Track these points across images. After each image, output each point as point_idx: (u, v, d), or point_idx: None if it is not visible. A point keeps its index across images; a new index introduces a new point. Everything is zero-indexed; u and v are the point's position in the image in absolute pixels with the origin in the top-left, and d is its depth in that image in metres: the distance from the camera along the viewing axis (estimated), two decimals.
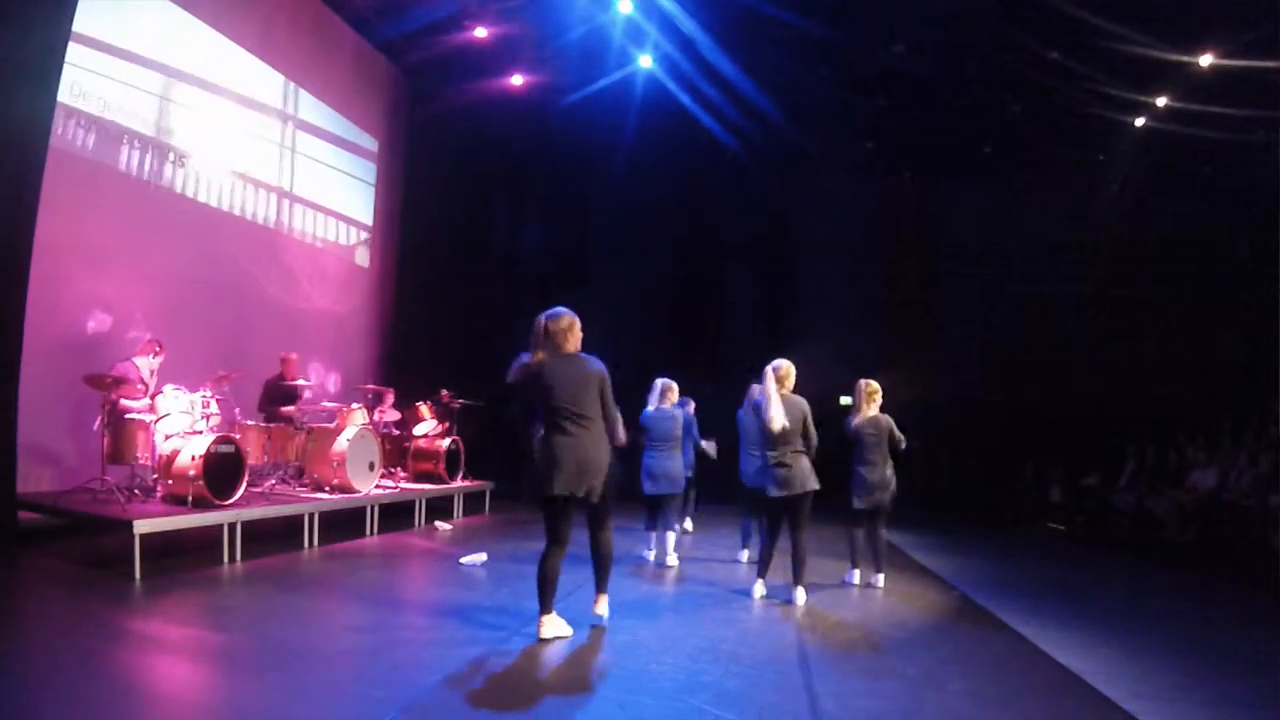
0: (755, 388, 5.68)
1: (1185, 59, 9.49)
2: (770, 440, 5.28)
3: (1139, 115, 11.07)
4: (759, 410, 5.36)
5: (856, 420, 5.98)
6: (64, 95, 6.18)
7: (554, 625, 4.19)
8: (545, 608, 4.18)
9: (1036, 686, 3.92)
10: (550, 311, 4.27)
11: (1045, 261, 13.22)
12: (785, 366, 5.39)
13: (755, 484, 5.63)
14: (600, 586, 4.48)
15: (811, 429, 5.38)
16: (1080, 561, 8.80)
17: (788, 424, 5.24)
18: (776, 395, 5.28)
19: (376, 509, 7.67)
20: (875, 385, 6.03)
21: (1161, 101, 10.52)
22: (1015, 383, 13.22)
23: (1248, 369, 10.29)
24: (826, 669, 3.98)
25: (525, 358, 4.21)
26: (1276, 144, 9.35)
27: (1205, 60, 9.43)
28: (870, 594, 5.96)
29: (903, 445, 5.97)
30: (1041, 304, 13.32)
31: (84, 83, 6.79)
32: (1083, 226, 13.05)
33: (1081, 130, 11.87)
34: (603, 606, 4.47)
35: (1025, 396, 13.14)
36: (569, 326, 4.23)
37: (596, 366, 4.24)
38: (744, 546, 7.06)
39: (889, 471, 5.95)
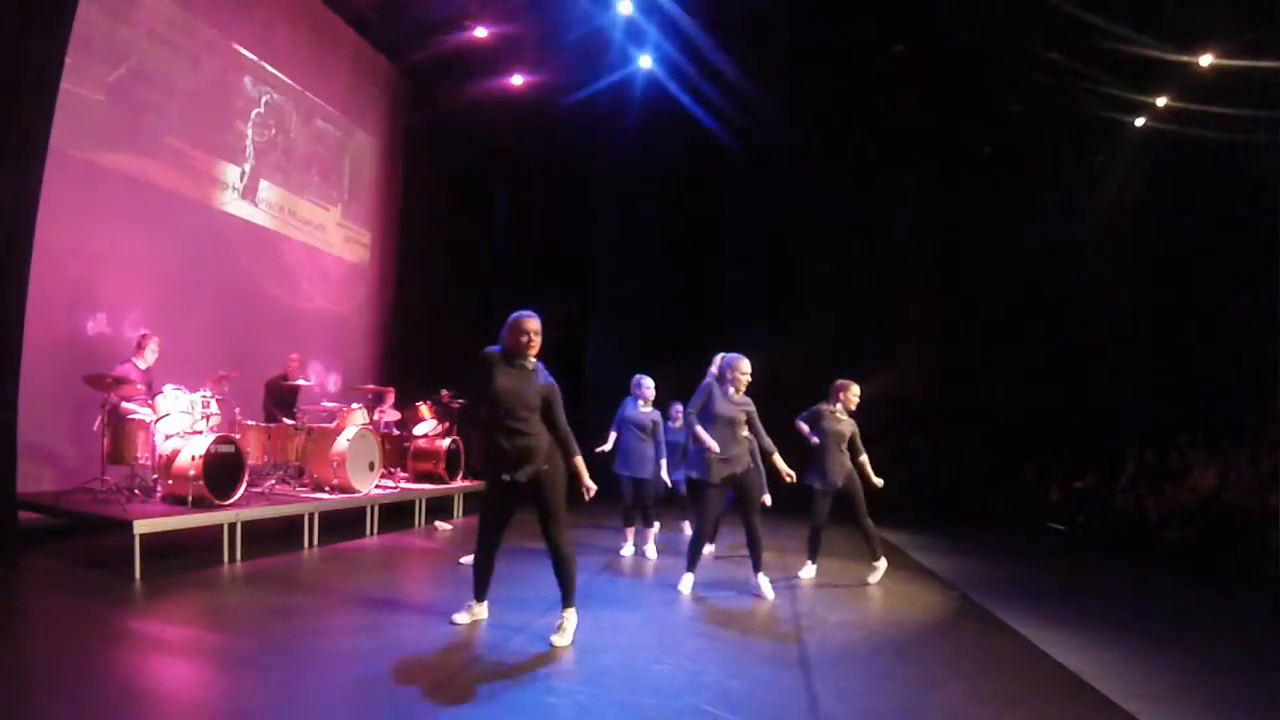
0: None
1: (1185, 59, 9.49)
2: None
3: (1139, 115, 11.07)
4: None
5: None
6: (64, 95, 6.17)
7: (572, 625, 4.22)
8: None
9: (1036, 686, 3.92)
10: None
11: (1045, 261, 13.21)
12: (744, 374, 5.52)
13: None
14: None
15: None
16: (1080, 561, 8.80)
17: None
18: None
19: (376, 509, 7.68)
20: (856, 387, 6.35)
21: (1161, 101, 10.52)
22: (1015, 383, 13.22)
23: (1248, 369, 10.27)
24: (826, 669, 3.98)
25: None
26: (1277, 144, 9.35)
27: (1205, 60, 9.43)
28: (870, 594, 5.97)
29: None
30: (1041, 304, 13.32)
31: (84, 82, 6.79)
32: (1083, 226, 13.05)
33: (1081, 130, 11.87)
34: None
35: (1025, 397, 13.14)
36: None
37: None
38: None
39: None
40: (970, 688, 3.80)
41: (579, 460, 4.21)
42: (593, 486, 4.21)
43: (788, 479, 5.67)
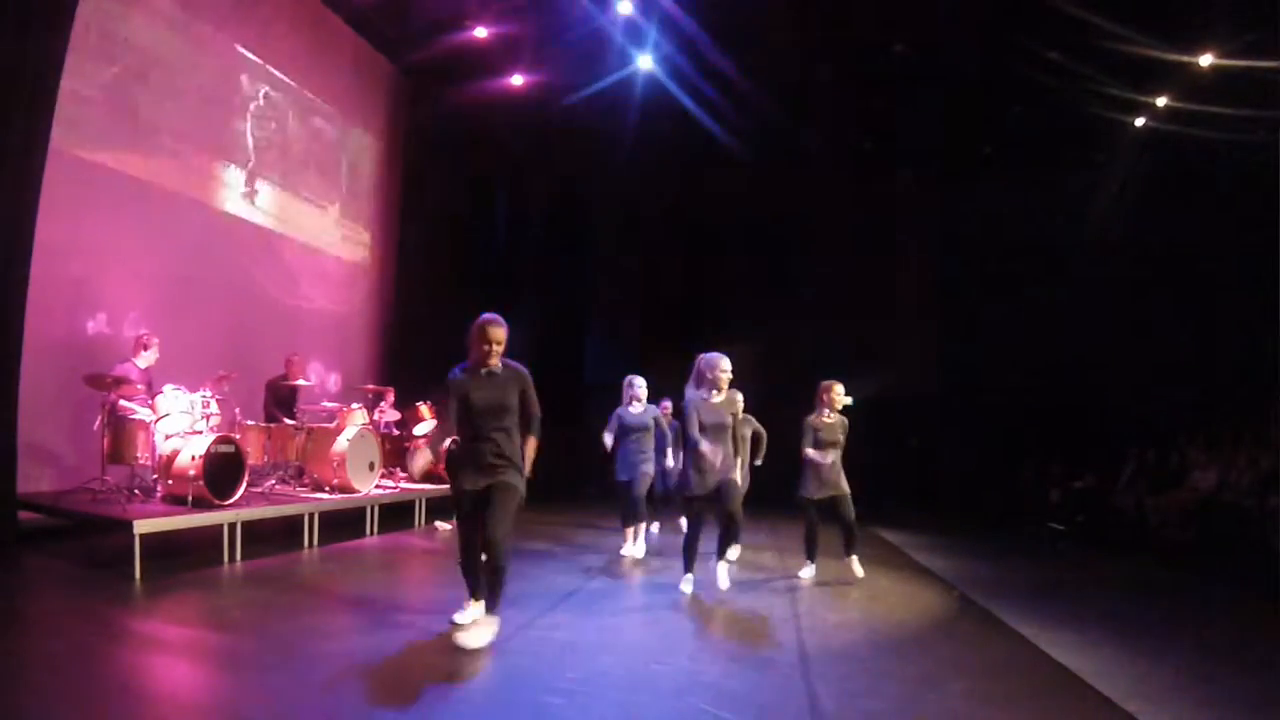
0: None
1: (1185, 59, 9.48)
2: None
3: (1139, 115, 11.06)
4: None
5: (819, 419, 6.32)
6: (64, 94, 6.17)
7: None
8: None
9: (1036, 687, 3.92)
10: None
11: (1045, 261, 13.19)
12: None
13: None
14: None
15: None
16: (1080, 561, 8.79)
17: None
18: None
19: (376, 509, 7.68)
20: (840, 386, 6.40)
21: (1161, 101, 10.51)
22: (1015, 382, 13.21)
23: (1248, 369, 10.27)
24: (826, 669, 3.98)
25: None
26: (1276, 144, 9.34)
27: (1205, 60, 9.42)
28: (870, 594, 5.97)
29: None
30: (1041, 304, 13.30)
31: (84, 83, 6.79)
32: (1083, 226, 13.04)
33: (1081, 130, 11.86)
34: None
35: (1025, 396, 13.13)
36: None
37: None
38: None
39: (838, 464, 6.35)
40: (970, 688, 3.80)
41: (534, 443, 4.20)
42: (526, 469, 4.17)
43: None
